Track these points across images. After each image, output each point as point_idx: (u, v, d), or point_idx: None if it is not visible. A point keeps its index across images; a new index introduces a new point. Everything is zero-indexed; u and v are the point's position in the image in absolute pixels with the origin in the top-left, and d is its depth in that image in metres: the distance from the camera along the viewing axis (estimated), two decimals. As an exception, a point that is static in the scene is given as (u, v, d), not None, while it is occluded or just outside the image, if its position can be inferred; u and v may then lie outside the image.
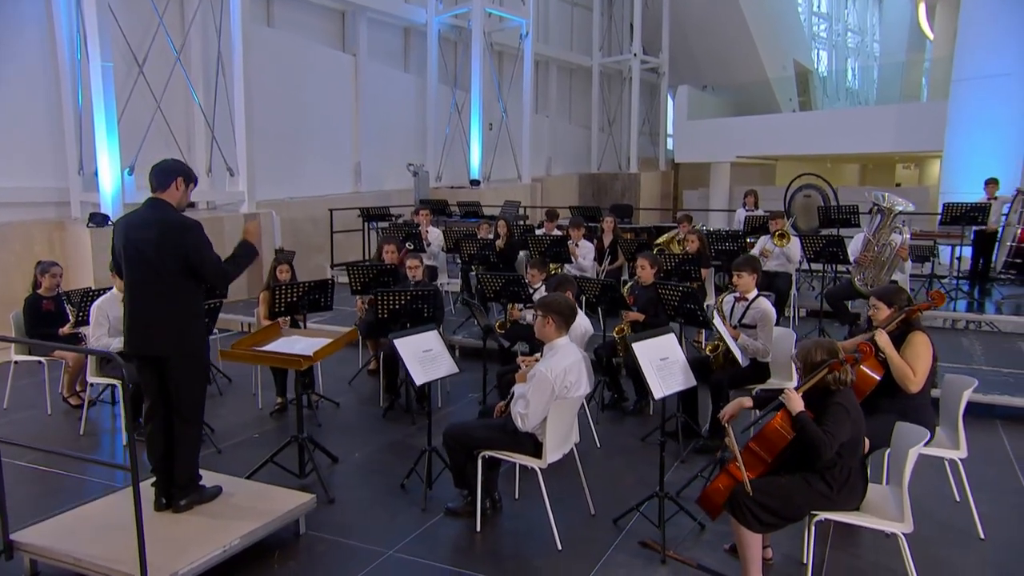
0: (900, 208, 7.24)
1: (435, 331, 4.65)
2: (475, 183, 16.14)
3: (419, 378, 4.33)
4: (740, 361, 4.84)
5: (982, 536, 4.02)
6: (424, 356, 4.44)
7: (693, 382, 4.08)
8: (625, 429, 5.72)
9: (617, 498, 4.45)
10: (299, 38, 13.65)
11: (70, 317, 6.11)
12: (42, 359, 5.97)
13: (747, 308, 5.25)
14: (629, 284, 6.11)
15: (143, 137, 10.42)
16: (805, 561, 3.72)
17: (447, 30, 16.59)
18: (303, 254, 11.39)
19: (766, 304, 5.22)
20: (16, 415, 6.06)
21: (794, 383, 5.20)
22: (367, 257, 12.72)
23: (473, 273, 9.21)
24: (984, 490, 4.40)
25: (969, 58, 12.77)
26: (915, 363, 4.01)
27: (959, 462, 4.08)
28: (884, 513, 3.34)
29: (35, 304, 6.07)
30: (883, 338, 4.06)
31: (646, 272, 6.07)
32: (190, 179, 3.81)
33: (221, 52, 11.42)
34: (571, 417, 4.09)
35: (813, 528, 3.34)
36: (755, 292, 5.29)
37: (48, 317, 6.06)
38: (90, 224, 9.28)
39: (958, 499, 4.34)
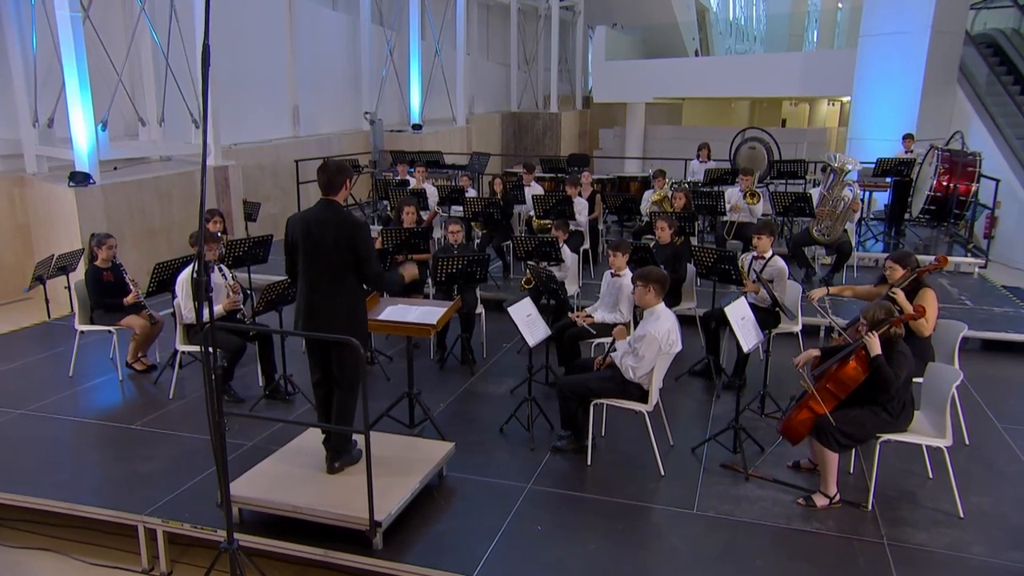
0: (850, 168, 8.46)
1: (528, 298, 5.35)
2: (417, 128, 16.32)
3: (531, 341, 5.04)
4: (787, 315, 5.81)
5: (967, 442, 5.27)
6: (527, 320, 5.15)
7: (762, 336, 5.03)
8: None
9: (679, 431, 5.40)
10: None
11: (131, 287, 6.31)
12: (111, 328, 6.19)
13: (764, 265, 6.23)
14: (653, 244, 6.96)
15: (114, 90, 10.12)
16: (851, 471, 4.85)
17: (377, -32, 16.42)
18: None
19: (781, 263, 6.23)
20: (89, 383, 6.29)
21: (799, 326, 6.32)
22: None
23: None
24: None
25: (875, 15, 14.14)
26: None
27: (954, 389, 5.26)
28: (927, 432, 4.44)
29: (96, 275, 6.22)
30: (900, 295, 5.12)
31: (664, 233, 6.94)
32: (352, 176, 4.30)
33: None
34: (665, 368, 4.94)
35: (879, 447, 4.39)
36: (771, 252, 6.27)
37: (110, 287, 6.25)
38: (71, 183, 9.09)
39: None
